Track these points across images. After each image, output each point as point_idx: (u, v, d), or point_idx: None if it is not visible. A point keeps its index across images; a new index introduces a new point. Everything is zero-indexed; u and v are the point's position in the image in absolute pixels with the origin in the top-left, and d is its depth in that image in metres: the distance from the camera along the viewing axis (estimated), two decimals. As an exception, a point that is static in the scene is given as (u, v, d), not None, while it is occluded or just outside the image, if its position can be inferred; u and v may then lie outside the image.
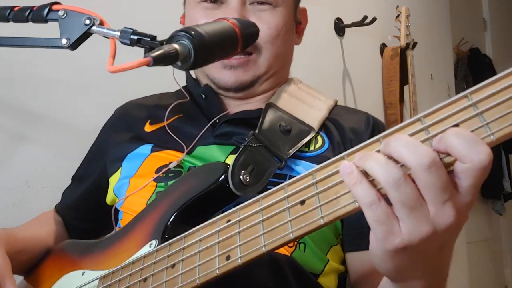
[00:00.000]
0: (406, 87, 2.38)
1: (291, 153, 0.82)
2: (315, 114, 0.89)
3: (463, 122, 0.45)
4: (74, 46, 0.66)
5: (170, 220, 0.72)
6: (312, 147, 0.86)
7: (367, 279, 0.80)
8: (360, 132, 0.88)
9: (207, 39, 0.66)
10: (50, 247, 0.93)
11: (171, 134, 0.89)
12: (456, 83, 3.26)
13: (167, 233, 0.71)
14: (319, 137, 0.88)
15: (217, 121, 0.89)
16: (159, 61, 0.60)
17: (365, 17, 2.13)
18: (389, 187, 0.45)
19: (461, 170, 0.44)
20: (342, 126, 0.89)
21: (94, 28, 0.65)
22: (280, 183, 0.57)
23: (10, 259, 0.77)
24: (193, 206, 0.73)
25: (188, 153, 0.86)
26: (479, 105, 0.44)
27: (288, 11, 0.92)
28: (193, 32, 0.65)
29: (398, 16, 2.38)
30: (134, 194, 0.85)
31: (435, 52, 2.95)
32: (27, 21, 0.69)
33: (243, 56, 0.86)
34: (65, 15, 0.66)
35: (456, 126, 0.45)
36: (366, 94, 2.32)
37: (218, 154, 0.85)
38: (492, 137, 0.44)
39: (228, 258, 0.57)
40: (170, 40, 0.65)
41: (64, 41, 0.66)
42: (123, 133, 0.96)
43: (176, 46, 0.63)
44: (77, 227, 1.03)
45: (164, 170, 0.84)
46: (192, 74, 0.99)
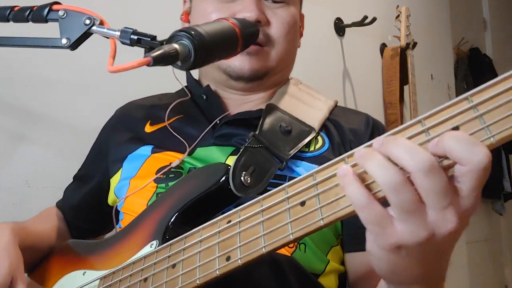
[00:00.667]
0: (406, 87, 2.38)
1: (292, 154, 0.82)
2: (315, 115, 0.89)
3: (464, 124, 0.45)
4: (74, 46, 0.66)
5: (171, 221, 0.72)
6: (312, 147, 0.86)
7: (365, 280, 0.80)
8: (360, 133, 0.89)
9: (207, 39, 0.66)
10: (54, 243, 0.94)
11: (172, 134, 0.89)
12: (456, 83, 3.26)
13: (168, 233, 0.71)
14: (319, 137, 0.88)
15: (218, 122, 0.89)
16: (159, 61, 0.60)
17: (365, 17, 2.13)
18: (389, 191, 0.45)
19: (461, 173, 0.44)
20: (342, 127, 0.89)
21: (94, 28, 0.65)
22: (281, 184, 0.56)
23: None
24: (194, 207, 0.73)
25: (189, 154, 0.86)
26: (480, 108, 0.44)
27: (297, 10, 0.94)
28: (193, 32, 0.65)
29: (398, 16, 2.38)
30: (134, 195, 0.85)
31: (435, 52, 2.95)
32: (27, 21, 0.69)
33: (258, 46, 0.86)
34: (65, 15, 0.66)
35: (456, 128, 0.45)
36: (366, 94, 2.32)
37: (218, 155, 0.85)
38: (492, 139, 0.43)
39: (228, 258, 0.58)
40: (170, 40, 0.65)
41: (64, 41, 0.66)
42: (123, 134, 0.96)
43: (176, 46, 0.63)
44: (79, 226, 1.04)
45: (165, 170, 0.84)
46: (195, 76, 0.99)
